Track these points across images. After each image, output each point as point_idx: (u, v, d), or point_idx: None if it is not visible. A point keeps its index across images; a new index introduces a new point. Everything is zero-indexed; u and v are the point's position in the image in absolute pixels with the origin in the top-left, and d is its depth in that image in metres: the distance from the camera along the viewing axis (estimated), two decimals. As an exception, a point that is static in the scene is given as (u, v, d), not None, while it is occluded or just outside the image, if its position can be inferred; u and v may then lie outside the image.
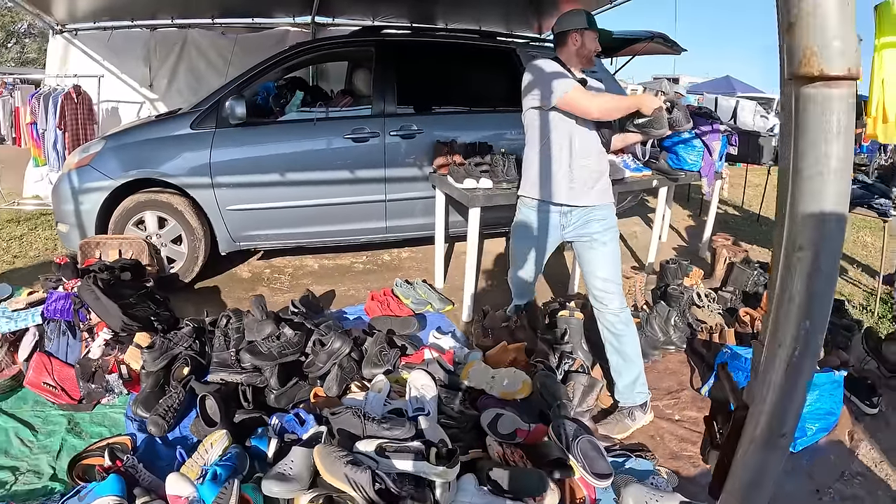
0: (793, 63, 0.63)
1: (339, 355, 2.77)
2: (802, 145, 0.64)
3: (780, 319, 0.69)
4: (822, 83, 0.62)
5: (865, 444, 2.70)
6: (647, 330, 3.42)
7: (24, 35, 24.48)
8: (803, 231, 0.65)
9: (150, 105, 7.02)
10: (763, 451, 0.76)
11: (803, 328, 0.67)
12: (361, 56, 5.05)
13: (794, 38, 0.63)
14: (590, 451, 2.21)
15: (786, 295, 0.68)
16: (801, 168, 0.64)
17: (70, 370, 2.82)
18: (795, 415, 0.73)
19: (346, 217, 4.41)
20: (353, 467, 1.85)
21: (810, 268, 0.65)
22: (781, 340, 0.69)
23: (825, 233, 0.65)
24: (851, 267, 5.42)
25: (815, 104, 0.63)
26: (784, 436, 0.74)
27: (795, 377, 0.70)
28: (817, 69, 0.61)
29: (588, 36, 2.71)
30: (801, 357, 0.69)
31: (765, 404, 0.73)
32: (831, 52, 0.61)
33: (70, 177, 4.00)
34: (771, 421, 0.73)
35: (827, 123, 0.62)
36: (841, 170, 0.63)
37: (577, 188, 2.69)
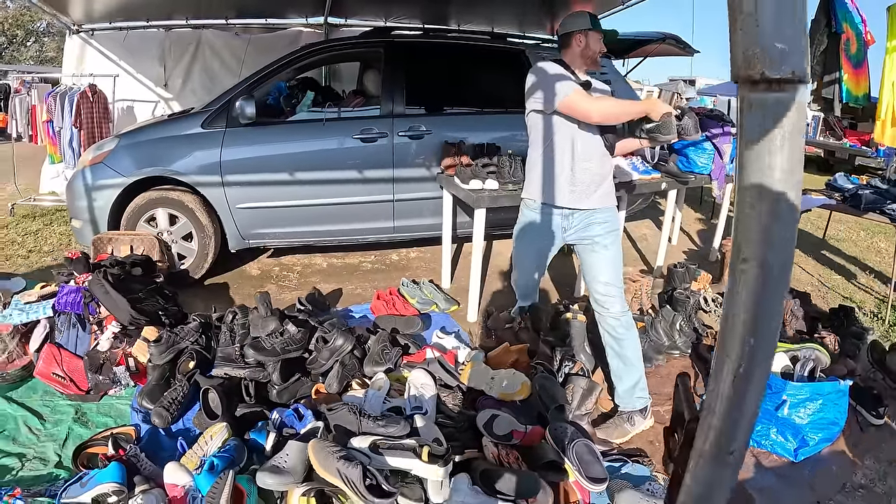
0: (735, 64, 0.60)
1: (341, 353, 2.80)
2: (745, 154, 0.61)
3: (727, 333, 0.67)
4: (765, 87, 0.59)
5: (870, 456, 2.65)
6: (652, 334, 3.40)
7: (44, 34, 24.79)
8: (748, 243, 0.63)
9: (164, 104, 7.11)
10: (712, 466, 0.73)
11: (748, 344, 0.65)
12: (371, 57, 5.09)
13: (738, 38, 0.59)
14: (585, 454, 2.21)
15: (732, 307, 0.65)
16: (745, 176, 0.61)
17: (79, 361, 2.87)
18: (745, 431, 0.70)
19: (354, 216, 4.45)
20: (345, 462, 1.87)
21: (755, 282, 0.63)
22: (728, 354, 0.67)
23: (772, 244, 0.62)
24: (863, 273, 5.36)
25: (757, 109, 0.60)
26: (733, 453, 0.71)
27: (743, 392, 0.67)
28: (759, 72, 0.58)
29: (592, 37, 2.70)
30: (748, 372, 0.66)
31: (713, 418, 0.70)
32: (774, 54, 0.57)
33: (84, 174, 4.07)
34: (719, 436, 0.71)
35: (771, 129, 0.59)
36: (786, 179, 0.60)
37: (578, 191, 2.69)
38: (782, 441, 2.59)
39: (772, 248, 0.62)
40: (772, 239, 0.62)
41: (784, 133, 0.59)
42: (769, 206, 0.61)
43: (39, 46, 25.18)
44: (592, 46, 2.71)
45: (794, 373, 2.81)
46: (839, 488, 2.45)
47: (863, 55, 4.27)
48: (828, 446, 2.66)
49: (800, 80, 0.58)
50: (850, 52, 4.19)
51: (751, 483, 2.43)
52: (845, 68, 4.21)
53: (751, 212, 0.62)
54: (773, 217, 0.61)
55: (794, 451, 2.57)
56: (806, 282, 4.97)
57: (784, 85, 0.58)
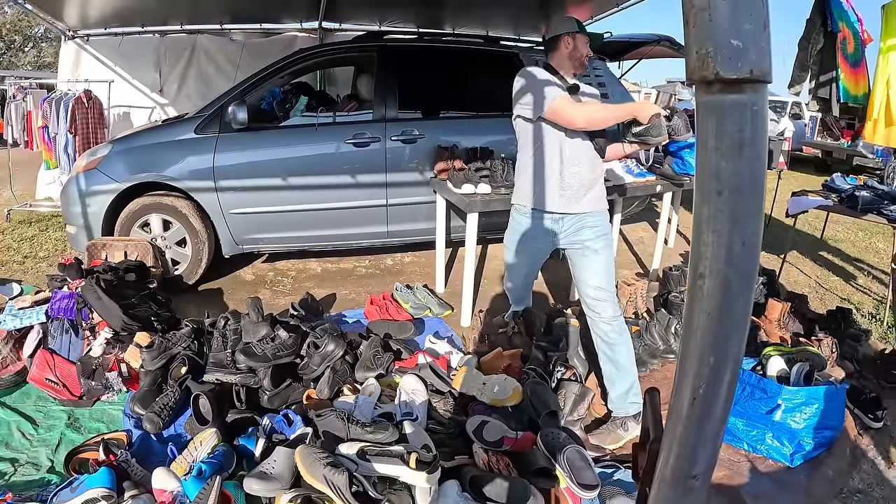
0: (690, 65, 0.55)
1: (332, 358, 2.79)
2: (700, 159, 0.56)
3: (685, 352, 0.62)
4: (719, 88, 0.54)
5: (867, 460, 2.63)
6: (647, 338, 3.39)
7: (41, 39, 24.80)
8: (705, 256, 0.58)
9: (160, 110, 7.11)
10: (674, 492, 0.68)
11: (707, 364, 0.61)
12: (364, 61, 5.09)
13: (690, 36, 0.54)
14: (577, 460, 2.20)
15: (689, 326, 0.61)
16: (701, 184, 0.57)
17: (72, 367, 2.87)
18: (709, 454, 0.66)
19: (347, 221, 4.44)
20: (331, 469, 1.86)
21: (713, 299, 0.58)
22: (686, 375, 0.63)
23: (731, 259, 0.57)
24: (861, 274, 5.35)
25: (712, 111, 0.55)
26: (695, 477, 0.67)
27: (704, 415, 0.63)
28: (713, 72, 0.53)
29: (580, 39, 2.71)
30: (709, 394, 0.62)
31: (674, 442, 0.66)
32: (729, 52, 0.52)
33: (78, 180, 4.06)
34: (680, 460, 0.67)
35: (727, 134, 0.54)
36: (747, 188, 0.55)
37: (568, 195, 2.67)
38: (778, 446, 2.57)
39: (730, 262, 0.57)
40: (731, 253, 0.57)
41: (744, 138, 0.54)
42: (728, 217, 0.56)
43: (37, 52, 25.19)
44: (580, 49, 2.72)
45: (789, 377, 2.80)
46: (836, 493, 2.43)
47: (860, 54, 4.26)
48: (824, 451, 2.63)
49: (759, 80, 0.54)
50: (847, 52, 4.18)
51: (746, 489, 2.41)
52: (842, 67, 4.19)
53: (707, 225, 0.58)
54: (731, 230, 0.57)
55: (790, 456, 2.54)
56: (804, 283, 4.95)
57: (742, 85, 0.53)
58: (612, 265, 2.77)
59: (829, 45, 4.19)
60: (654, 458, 0.71)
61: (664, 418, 0.71)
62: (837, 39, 4.14)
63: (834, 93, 4.27)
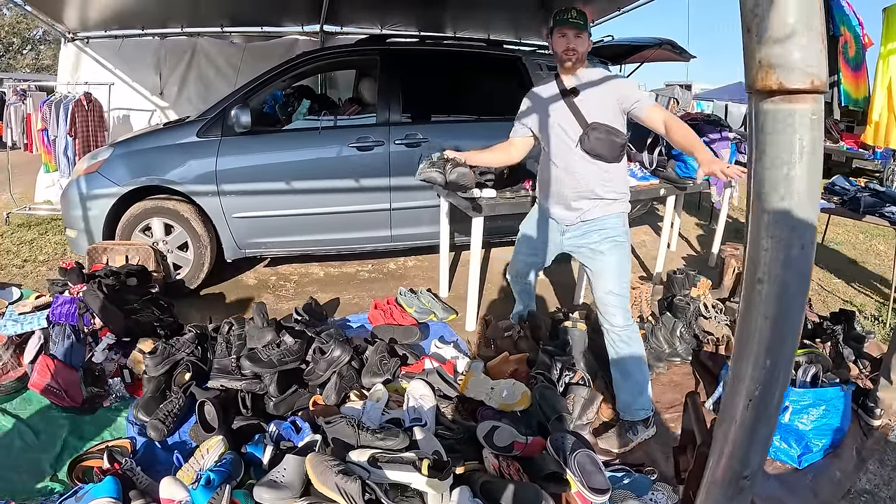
0: (750, 75, 0.57)
1: (338, 364, 2.77)
2: (761, 168, 0.58)
3: (742, 356, 0.63)
4: (781, 98, 0.55)
5: (874, 462, 2.63)
6: (653, 341, 3.38)
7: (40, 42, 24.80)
8: (765, 261, 0.59)
9: (160, 113, 7.09)
10: (724, 492, 0.70)
11: (763, 367, 0.62)
12: (367, 65, 5.08)
13: (752, 47, 0.56)
14: (587, 465, 2.18)
15: (747, 329, 0.62)
16: (760, 191, 0.58)
17: (74, 373, 2.83)
18: (760, 455, 0.67)
19: (351, 225, 4.42)
20: (343, 476, 1.84)
21: (772, 303, 0.59)
22: (743, 378, 0.64)
23: (789, 262, 0.58)
24: (863, 276, 5.35)
25: (774, 121, 0.56)
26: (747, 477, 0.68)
27: (758, 417, 0.64)
28: (776, 82, 0.55)
29: (554, 37, 2.62)
30: (764, 396, 0.63)
31: (726, 444, 0.67)
32: (792, 63, 0.54)
33: (79, 183, 4.04)
34: (732, 461, 0.68)
35: (788, 142, 0.56)
36: (806, 192, 0.56)
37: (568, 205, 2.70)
38: (785, 448, 2.57)
39: (788, 267, 0.58)
40: (789, 257, 0.58)
41: (803, 145, 0.56)
42: (786, 225, 0.57)
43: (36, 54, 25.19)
44: (554, 47, 2.64)
45: (796, 379, 2.79)
46: (843, 494, 2.43)
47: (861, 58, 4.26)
48: (831, 452, 2.64)
49: (817, 91, 0.55)
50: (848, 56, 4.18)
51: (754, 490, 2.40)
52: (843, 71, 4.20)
53: (766, 231, 0.58)
54: (790, 236, 0.58)
55: (797, 458, 2.55)
56: (805, 286, 4.94)
57: (803, 95, 0.55)
58: (625, 269, 2.70)
59: (831, 48, 4.19)
60: (703, 461, 0.72)
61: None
62: (839, 43, 4.14)
63: (835, 96, 4.28)
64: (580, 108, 2.60)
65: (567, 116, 2.63)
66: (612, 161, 2.64)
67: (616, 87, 2.62)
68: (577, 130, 2.60)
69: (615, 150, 2.62)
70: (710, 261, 5.38)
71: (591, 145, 2.59)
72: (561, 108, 2.65)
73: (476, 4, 5.98)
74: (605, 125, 2.57)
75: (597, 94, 2.61)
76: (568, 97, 2.63)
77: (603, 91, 2.61)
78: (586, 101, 2.61)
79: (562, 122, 2.65)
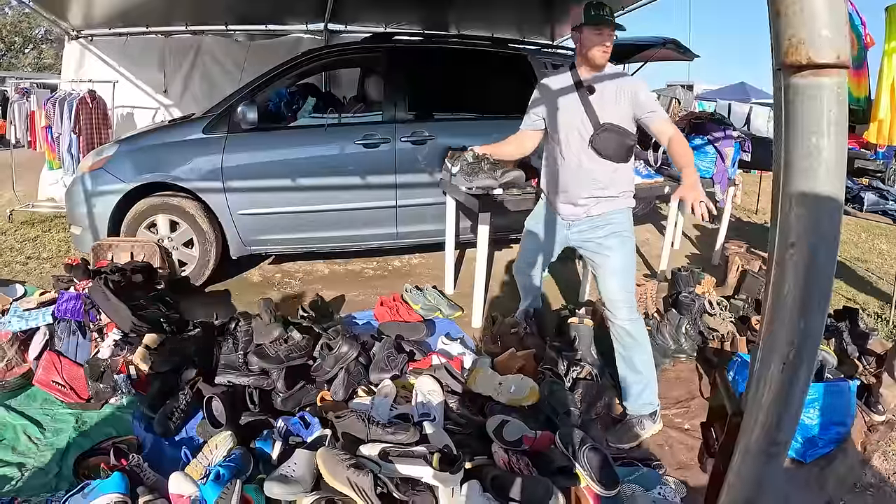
0: (780, 52, 0.60)
1: (346, 360, 2.77)
2: (792, 137, 0.61)
3: (775, 319, 0.65)
4: (810, 72, 0.59)
5: (879, 456, 2.64)
6: (658, 338, 3.39)
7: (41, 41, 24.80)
8: (796, 227, 0.62)
9: (164, 111, 7.09)
10: (758, 460, 0.71)
11: (799, 328, 0.64)
12: (373, 62, 5.07)
13: (782, 26, 0.59)
14: (596, 459, 2.18)
15: (780, 294, 0.64)
16: (791, 161, 0.61)
17: (79, 369, 2.84)
18: (792, 422, 0.69)
19: (356, 222, 4.43)
20: (355, 471, 1.84)
21: (804, 264, 0.62)
22: (776, 341, 0.66)
23: (819, 228, 0.61)
24: (867, 274, 5.35)
25: (803, 94, 0.60)
26: (780, 444, 0.70)
27: (791, 380, 0.66)
28: (805, 57, 0.58)
29: (586, 33, 2.55)
30: (798, 359, 0.65)
31: (760, 411, 0.69)
32: (820, 40, 0.58)
33: (83, 180, 4.04)
34: (766, 428, 0.69)
35: (817, 113, 0.59)
36: (834, 161, 0.59)
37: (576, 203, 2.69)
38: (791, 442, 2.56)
39: (818, 231, 0.62)
40: (819, 223, 0.62)
41: (831, 117, 0.59)
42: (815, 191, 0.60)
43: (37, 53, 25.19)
44: (585, 44, 2.57)
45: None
46: (849, 488, 2.44)
47: (863, 57, 4.26)
48: (837, 447, 2.64)
49: (843, 66, 0.59)
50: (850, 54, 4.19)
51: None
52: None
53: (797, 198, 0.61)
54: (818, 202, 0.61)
55: (803, 453, 2.55)
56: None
57: (830, 70, 0.59)
58: (631, 265, 2.71)
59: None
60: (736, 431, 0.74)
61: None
62: (841, 42, 4.14)
63: (837, 95, 4.27)
64: (594, 107, 2.60)
65: (580, 113, 2.62)
66: (620, 161, 2.66)
67: (634, 91, 2.60)
68: (589, 128, 2.60)
69: (624, 152, 2.65)
70: (713, 258, 5.38)
71: (601, 145, 2.59)
72: (575, 104, 2.64)
73: (480, 3, 5.98)
74: (618, 127, 2.58)
75: (613, 94, 2.60)
76: (583, 93, 2.62)
77: (620, 93, 2.60)
78: (602, 100, 2.61)
79: (575, 118, 2.64)
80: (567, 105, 2.67)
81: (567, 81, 2.68)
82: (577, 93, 2.64)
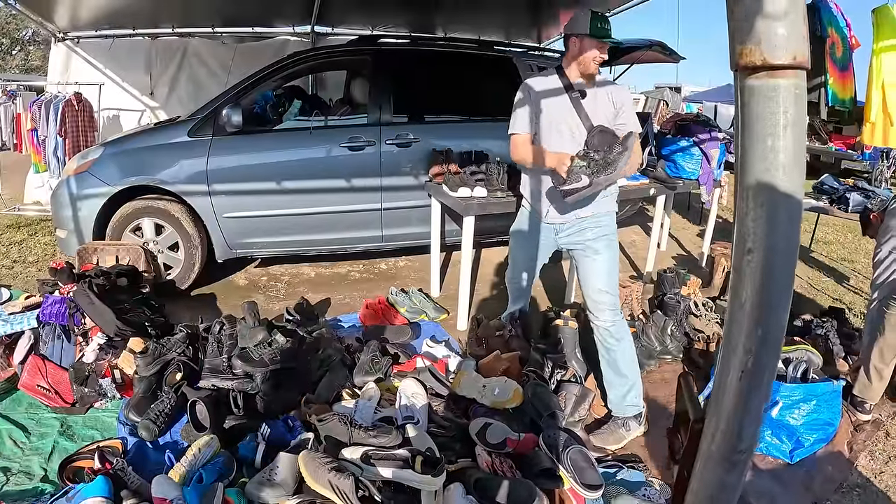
0: (735, 52, 0.59)
1: (330, 363, 2.77)
2: (748, 139, 0.60)
3: (733, 327, 0.65)
4: (766, 73, 0.58)
5: (865, 455, 2.67)
6: (644, 339, 3.40)
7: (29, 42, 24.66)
8: (753, 232, 0.61)
9: (150, 113, 7.06)
10: (720, 467, 0.70)
11: (757, 336, 0.63)
12: (358, 65, 5.07)
13: (735, 24, 0.58)
14: (580, 461, 2.19)
15: (737, 300, 0.63)
16: (748, 164, 0.60)
17: (64, 374, 2.83)
18: (753, 430, 0.67)
19: (342, 225, 4.42)
20: (336, 474, 1.84)
21: (761, 272, 0.61)
22: (734, 350, 0.65)
23: (776, 233, 0.60)
24: (854, 275, 5.39)
25: (759, 96, 0.58)
26: (742, 452, 0.68)
27: (751, 389, 0.65)
28: (759, 58, 0.57)
29: (588, 44, 2.54)
30: (756, 367, 0.64)
31: (720, 419, 0.68)
32: (776, 39, 0.56)
33: (69, 183, 4.02)
34: (727, 436, 0.68)
35: (773, 116, 0.58)
36: (790, 165, 0.58)
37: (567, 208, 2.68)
38: (777, 443, 2.60)
39: (776, 235, 0.60)
40: (776, 227, 0.60)
41: (787, 120, 0.58)
42: (772, 195, 0.60)
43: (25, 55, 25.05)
44: (587, 54, 2.56)
45: (786, 374, 2.82)
46: (836, 488, 2.46)
47: (848, 59, 4.30)
48: (823, 447, 2.67)
49: (800, 66, 0.57)
50: (835, 56, 4.22)
51: (747, 486, 2.41)
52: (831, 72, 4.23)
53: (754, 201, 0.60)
54: (776, 206, 0.60)
55: (789, 453, 2.57)
56: (796, 285, 4.95)
57: (785, 71, 0.57)
58: (615, 267, 2.74)
59: (818, 49, 4.22)
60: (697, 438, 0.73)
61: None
62: (826, 44, 4.17)
63: (822, 97, 4.31)
64: (586, 109, 2.62)
65: (573, 116, 2.63)
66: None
67: (620, 98, 2.69)
68: (583, 132, 2.62)
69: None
70: (700, 260, 5.41)
71: (595, 146, 2.60)
72: (566, 107, 2.64)
73: (467, 6, 5.99)
74: (609, 127, 2.61)
75: (603, 98, 2.66)
76: (575, 97, 2.63)
77: (608, 97, 2.67)
78: (593, 103, 2.64)
79: (568, 121, 2.65)
80: (559, 108, 2.66)
81: (555, 84, 2.67)
82: (568, 96, 2.64)
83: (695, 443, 0.73)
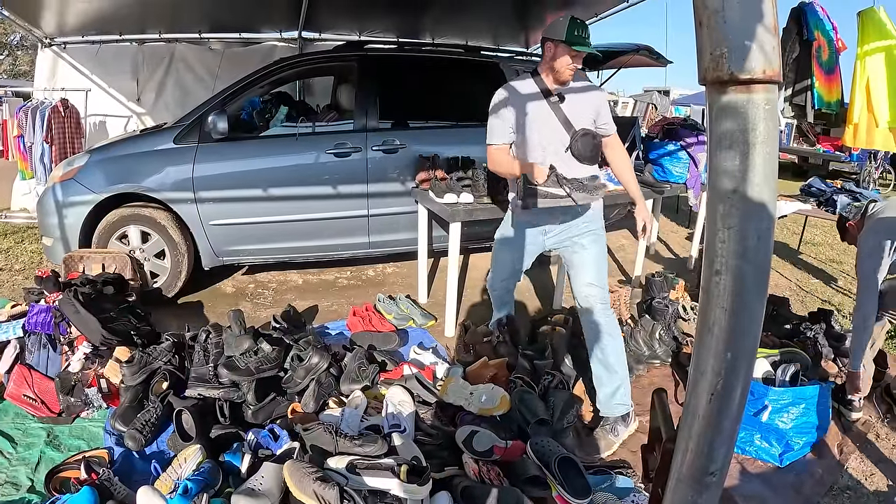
0: (702, 66, 0.57)
1: (317, 371, 2.76)
2: (716, 159, 0.58)
3: (702, 349, 0.63)
4: (734, 88, 0.56)
5: (855, 457, 2.68)
6: (632, 344, 3.40)
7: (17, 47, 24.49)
8: (721, 252, 0.59)
9: (137, 119, 7.01)
10: (691, 489, 0.69)
11: (724, 360, 0.61)
12: (345, 71, 5.08)
13: (703, 38, 0.56)
14: (568, 468, 2.19)
15: (706, 322, 0.62)
16: (716, 184, 0.58)
17: (50, 383, 2.80)
18: (725, 451, 0.66)
19: (329, 232, 4.41)
20: (321, 483, 1.83)
21: (730, 295, 0.59)
22: (704, 372, 0.63)
23: (746, 253, 0.58)
24: (842, 276, 5.42)
25: (727, 111, 0.56)
26: (713, 474, 0.67)
27: (721, 411, 0.63)
28: (727, 73, 0.55)
29: (562, 50, 2.52)
30: (726, 389, 0.62)
31: (690, 440, 0.67)
32: (743, 53, 0.54)
33: (54, 190, 3.99)
34: (698, 457, 0.67)
35: (741, 133, 0.56)
36: (760, 184, 0.56)
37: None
38: (767, 447, 2.60)
39: (746, 257, 0.58)
40: (746, 247, 0.58)
41: (757, 136, 0.56)
42: (742, 215, 0.58)
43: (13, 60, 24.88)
44: (559, 61, 2.54)
45: (775, 378, 2.82)
46: (826, 491, 2.47)
47: (834, 62, 4.33)
48: (813, 450, 2.68)
49: (770, 81, 0.55)
50: (821, 59, 4.25)
51: (737, 490, 2.43)
52: (817, 75, 4.26)
53: (722, 222, 0.59)
54: (745, 226, 0.58)
55: (779, 457, 2.58)
56: (784, 287, 5.01)
57: (755, 85, 0.55)
58: (604, 262, 2.77)
59: (805, 53, 4.26)
60: (669, 458, 0.71)
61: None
62: (812, 47, 4.21)
63: (809, 100, 4.34)
64: (566, 114, 2.64)
65: (553, 121, 2.64)
66: (595, 164, 2.73)
67: (598, 100, 2.75)
68: (565, 135, 2.63)
69: (598, 154, 2.72)
70: (688, 263, 5.43)
71: (580, 150, 2.63)
72: (546, 112, 2.65)
73: (454, 11, 6.00)
74: (591, 129, 2.64)
75: (581, 101, 2.68)
76: (553, 101, 2.64)
77: (586, 100, 2.70)
78: (572, 106, 2.66)
79: (549, 126, 2.65)
80: (539, 114, 2.66)
81: (532, 89, 2.67)
82: (547, 101, 2.65)
83: (667, 462, 0.72)
